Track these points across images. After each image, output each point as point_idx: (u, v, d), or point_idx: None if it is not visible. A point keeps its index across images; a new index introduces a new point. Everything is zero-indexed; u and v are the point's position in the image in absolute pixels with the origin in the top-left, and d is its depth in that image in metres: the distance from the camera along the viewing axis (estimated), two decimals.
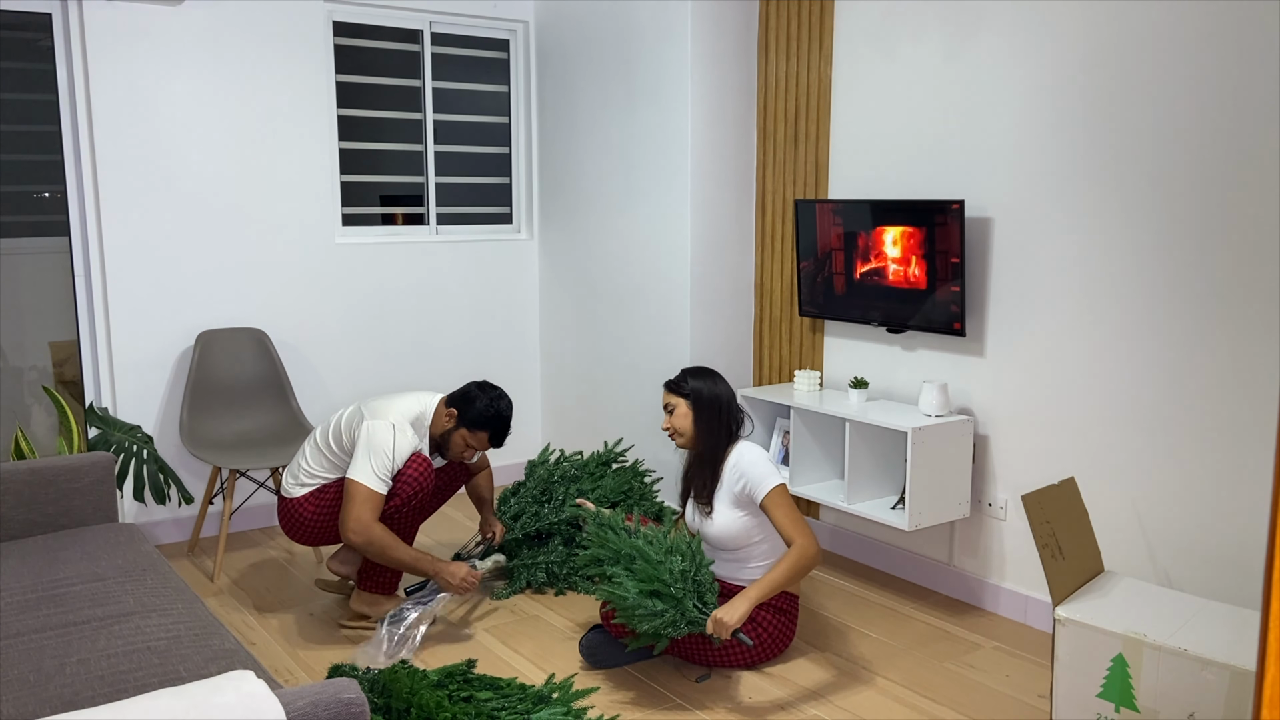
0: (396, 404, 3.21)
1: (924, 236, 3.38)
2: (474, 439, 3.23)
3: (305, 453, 3.29)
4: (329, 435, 3.24)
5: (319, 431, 3.29)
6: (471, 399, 3.22)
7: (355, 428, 3.16)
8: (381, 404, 3.20)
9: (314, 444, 3.28)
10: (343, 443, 3.20)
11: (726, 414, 3.06)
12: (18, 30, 4.12)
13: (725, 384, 3.10)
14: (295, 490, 3.26)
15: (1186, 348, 2.85)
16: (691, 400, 3.05)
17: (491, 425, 3.21)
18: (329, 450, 3.23)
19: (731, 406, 3.08)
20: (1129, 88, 2.92)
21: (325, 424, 3.29)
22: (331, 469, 3.24)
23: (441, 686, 2.76)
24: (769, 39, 4.06)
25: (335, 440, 3.22)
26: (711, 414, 3.04)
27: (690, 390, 3.06)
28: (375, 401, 3.23)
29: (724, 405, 3.05)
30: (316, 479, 3.25)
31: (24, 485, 2.82)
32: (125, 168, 3.92)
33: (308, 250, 4.37)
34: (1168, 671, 2.31)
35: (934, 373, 3.57)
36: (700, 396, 3.04)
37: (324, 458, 3.25)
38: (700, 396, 3.04)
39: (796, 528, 2.89)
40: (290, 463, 3.37)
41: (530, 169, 4.99)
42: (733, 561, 3.05)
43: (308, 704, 1.53)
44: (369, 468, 3.05)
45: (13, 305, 4.37)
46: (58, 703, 1.87)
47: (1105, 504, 3.09)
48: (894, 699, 2.84)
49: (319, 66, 4.30)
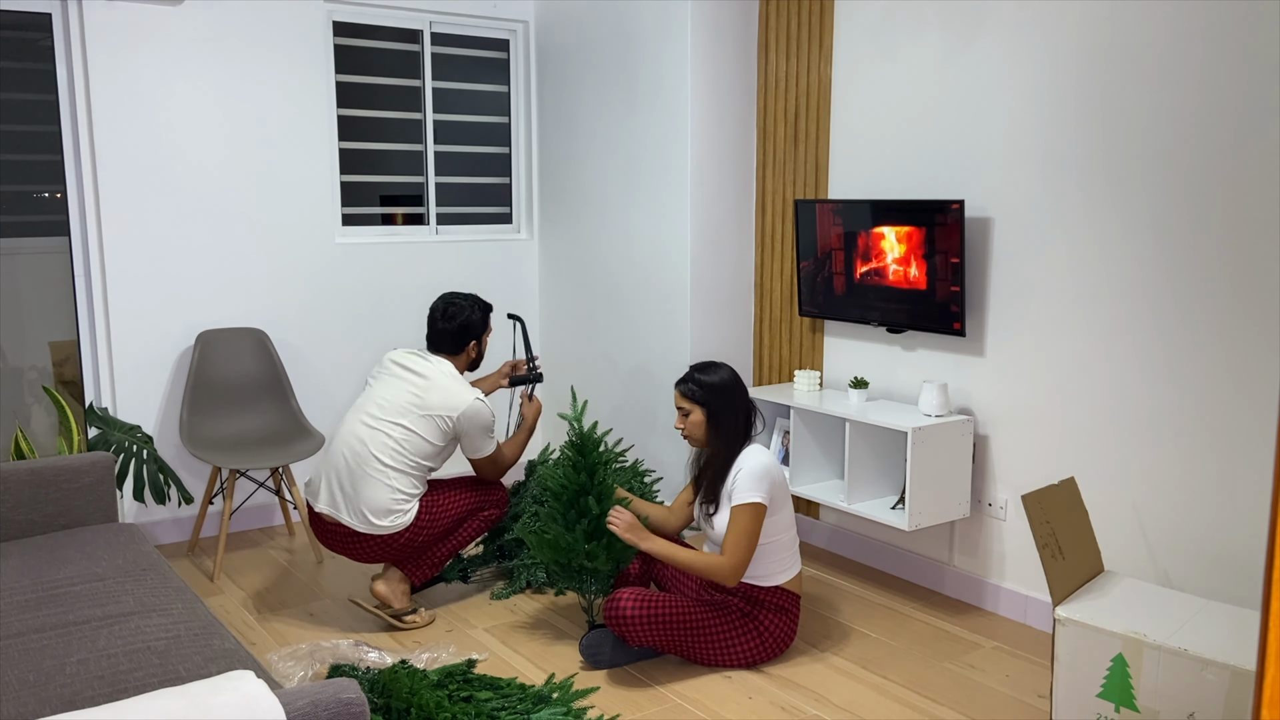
0: (444, 389, 3.22)
1: (924, 236, 3.38)
2: (489, 329, 3.48)
3: (385, 485, 3.17)
4: (403, 457, 3.18)
5: (391, 460, 3.17)
6: (465, 326, 3.35)
7: (440, 429, 3.20)
8: (431, 397, 3.21)
9: (389, 475, 3.17)
10: (420, 455, 3.21)
11: (743, 419, 3.03)
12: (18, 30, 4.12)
13: (736, 380, 3.06)
14: (397, 521, 3.18)
15: (1186, 347, 2.85)
16: (706, 410, 3.02)
17: (489, 309, 3.46)
18: (409, 468, 3.20)
19: (746, 410, 3.04)
20: (1129, 88, 2.92)
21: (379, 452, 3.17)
22: (420, 480, 3.26)
23: (441, 686, 2.76)
24: (769, 39, 4.06)
25: (415, 457, 3.20)
26: (729, 422, 3.01)
27: (704, 400, 3.01)
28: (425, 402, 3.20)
29: (739, 411, 3.02)
30: (415, 499, 3.23)
31: (24, 485, 2.82)
32: (125, 168, 3.92)
33: (308, 250, 4.37)
34: (1168, 671, 2.31)
35: (934, 373, 3.57)
36: (715, 406, 3.00)
37: (411, 479, 3.21)
38: (715, 406, 3.00)
39: (736, 549, 2.89)
40: (351, 502, 3.19)
41: (530, 169, 4.99)
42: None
43: (308, 704, 1.53)
44: (493, 438, 3.34)
45: (13, 305, 4.37)
46: (58, 703, 1.86)
47: (1105, 504, 3.08)
48: (894, 699, 2.84)
49: (319, 66, 4.30)
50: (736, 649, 2.99)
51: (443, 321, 3.34)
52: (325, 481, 3.26)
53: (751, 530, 2.89)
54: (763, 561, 3.00)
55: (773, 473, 2.96)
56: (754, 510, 2.89)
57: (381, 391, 3.28)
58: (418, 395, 3.22)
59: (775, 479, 2.96)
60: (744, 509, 2.90)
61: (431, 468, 3.28)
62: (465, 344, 3.38)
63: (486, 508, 3.45)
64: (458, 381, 3.27)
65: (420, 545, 3.27)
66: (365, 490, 3.17)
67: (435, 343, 3.37)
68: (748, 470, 2.93)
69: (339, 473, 3.22)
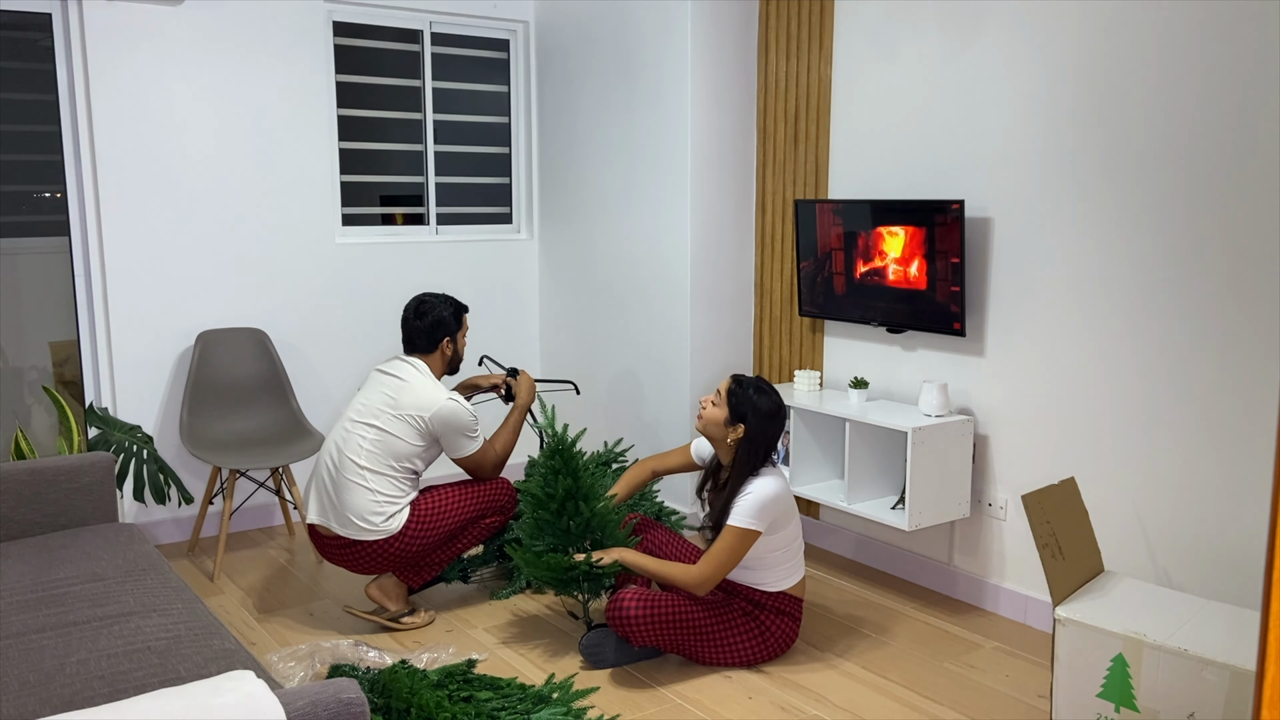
0: (417, 389, 3.21)
1: (924, 236, 3.38)
2: (466, 329, 3.45)
3: (364, 489, 3.14)
4: (377, 457, 3.15)
5: (366, 462, 3.15)
6: (438, 323, 3.33)
7: (415, 429, 3.17)
8: (404, 398, 3.19)
9: (365, 477, 3.14)
10: (396, 456, 3.17)
11: (763, 452, 2.98)
12: (18, 30, 4.12)
13: (779, 412, 2.98)
14: (387, 525, 3.14)
15: (1187, 347, 2.85)
16: (743, 428, 2.95)
17: (463, 309, 3.43)
18: (386, 469, 3.17)
19: (771, 445, 2.99)
20: (1129, 87, 2.92)
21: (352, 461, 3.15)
22: (403, 482, 3.21)
23: (441, 686, 2.76)
24: (769, 39, 4.06)
25: (389, 458, 3.16)
26: (751, 449, 2.96)
27: (743, 414, 2.95)
28: (398, 402, 3.19)
29: (765, 445, 2.97)
30: (400, 501, 3.19)
31: (24, 485, 2.82)
32: (125, 168, 3.92)
33: (308, 250, 4.37)
34: (1168, 671, 2.31)
35: (934, 373, 3.57)
36: (751, 429, 2.95)
37: (391, 480, 3.18)
38: (751, 429, 2.95)
39: (712, 563, 2.89)
40: (336, 509, 3.17)
41: (530, 169, 4.99)
42: (746, 569, 3.03)
43: (307, 704, 1.53)
44: (473, 438, 3.28)
45: (13, 305, 4.37)
46: (58, 703, 1.86)
47: (1105, 504, 3.08)
48: (894, 699, 2.84)
49: (319, 66, 4.30)
50: (739, 649, 2.99)
51: (415, 319, 3.33)
52: (314, 492, 3.26)
53: (736, 552, 2.89)
54: (767, 569, 3.00)
55: (777, 504, 2.91)
56: (746, 536, 2.88)
57: (360, 398, 3.29)
58: (392, 396, 3.21)
59: (783, 508, 2.93)
60: (738, 532, 2.88)
61: (413, 469, 3.23)
62: (438, 341, 3.34)
63: (490, 514, 3.40)
64: (432, 382, 3.25)
65: (417, 553, 3.24)
66: (346, 495, 3.15)
67: (410, 341, 3.36)
68: (757, 496, 2.89)
69: (323, 482, 3.22)
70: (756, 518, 2.87)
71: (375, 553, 3.18)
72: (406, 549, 3.20)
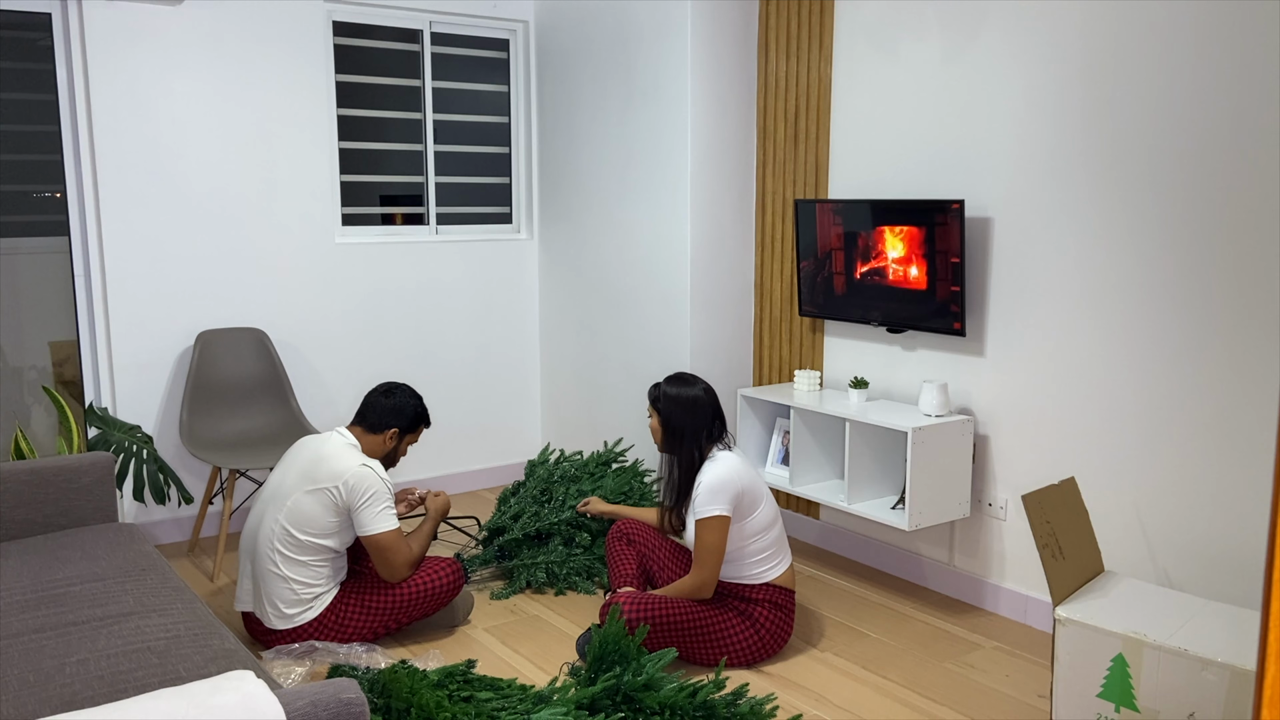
0: (335, 458, 3.02)
1: (924, 236, 3.38)
2: (415, 437, 3.26)
3: (279, 577, 2.97)
4: (290, 546, 2.97)
5: (283, 549, 2.97)
6: (398, 410, 3.16)
7: (331, 502, 2.97)
8: (321, 469, 3.00)
9: (277, 565, 2.97)
10: (309, 537, 2.98)
11: (691, 437, 3.04)
12: (18, 30, 4.12)
13: (703, 398, 3.06)
14: (303, 615, 3.00)
15: (1187, 347, 2.85)
16: (663, 420, 3.09)
17: (425, 418, 3.25)
18: (298, 551, 2.98)
19: (699, 429, 3.04)
20: (1129, 87, 2.92)
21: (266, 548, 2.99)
22: (318, 565, 3.02)
23: (441, 686, 2.76)
24: (769, 39, 4.06)
25: (304, 537, 2.98)
26: (677, 434, 3.06)
27: (664, 410, 3.08)
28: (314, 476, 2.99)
29: (689, 428, 3.04)
30: (316, 588, 3.02)
31: (24, 485, 2.82)
32: (125, 168, 3.92)
33: (308, 250, 4.37)
34: (1168, 671, 2.31)
35: (934, 373, 3.57)
36: (674, 420, 3.06)
37: (300, 565, 2.99)
38: (674, 420, 3.06)
39: (702, 563, 2.93)
40: (257, 598, 3.03)
41: (530, 169, 4.99)
42: (730, 562, 3.04)
43: (307, 704, 1.53)
44: (384, 514, 3.00)
45: (13, 305, 4.37)
46: (58, 703, 1.86)
47: (1105, 504, 3.08)
48: (894, 699, 2.84)
49: (319, 66, 4.30)
50: (735, 647, 2.99)
51: (381, 396, 3.17)
52: (240, 577, 3.12)
53: (715, 544, 2.93)
54: (747, 562, 3.02)
55: (732, 484, 2.94)
56: (716, 523, 2.92)
57: (277, 473, 3.12)
58: (308, 471, 3.01)
59: (739, 487, 2.95)
60: (706, 523, 2.93)
61: (331, 548, 3.02)
62: (388, 427, 3.14)
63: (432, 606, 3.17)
64: (355, 453, 3.05)
65: (351, 637, 3.07)
66: (265, 584, 3.01)
67: (362, 414, 3.16)
68: (706, 485, 2.96)
69: (247, 569, 3.10)
70: (713, 503, 2.93)
71: (302, 639, 3.04)
72: (335, 636, 3.06)
